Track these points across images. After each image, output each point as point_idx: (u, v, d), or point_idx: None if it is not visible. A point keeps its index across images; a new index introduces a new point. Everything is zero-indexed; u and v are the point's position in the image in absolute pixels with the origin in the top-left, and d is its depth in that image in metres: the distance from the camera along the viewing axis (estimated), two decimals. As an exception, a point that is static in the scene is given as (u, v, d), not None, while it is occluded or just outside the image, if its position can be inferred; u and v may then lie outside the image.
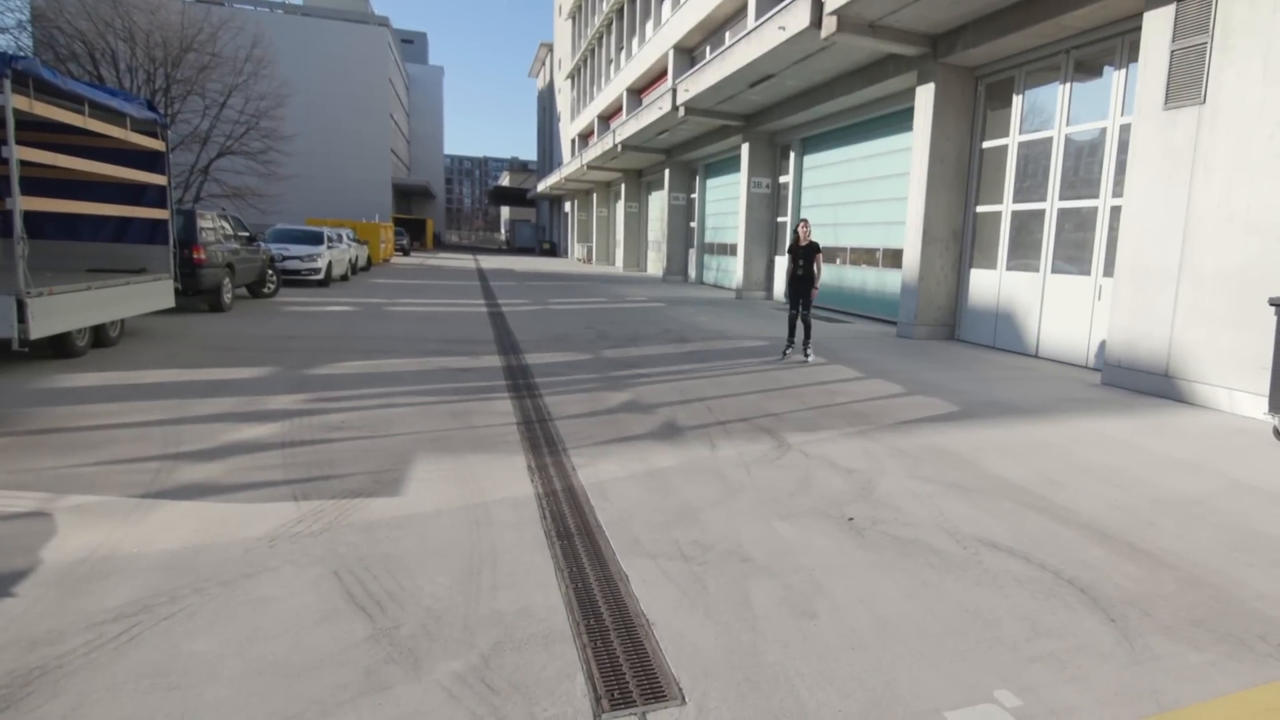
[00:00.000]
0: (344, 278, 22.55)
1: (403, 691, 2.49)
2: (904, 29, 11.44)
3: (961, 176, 12.02)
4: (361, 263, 26.57)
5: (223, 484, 4.46)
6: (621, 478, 4.84)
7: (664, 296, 20.06)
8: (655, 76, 30.35)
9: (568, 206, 54.35)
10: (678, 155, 25.70)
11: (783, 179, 19.28)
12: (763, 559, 3.62)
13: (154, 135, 10.08)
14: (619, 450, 5.48)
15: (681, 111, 19.14)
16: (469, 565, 3.46)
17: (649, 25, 30.13)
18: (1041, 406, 7.38)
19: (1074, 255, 10.12)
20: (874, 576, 3.47)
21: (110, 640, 2.76)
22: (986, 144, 11.76)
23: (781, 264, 19.15)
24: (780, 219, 19.38)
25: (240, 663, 2.64)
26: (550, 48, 62.81)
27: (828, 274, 17.23)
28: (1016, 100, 11.14)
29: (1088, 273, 9.82)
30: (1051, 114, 10.53)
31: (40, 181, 8.73)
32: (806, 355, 10.02)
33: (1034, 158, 10.88)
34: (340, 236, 22.79)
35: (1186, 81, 7.58)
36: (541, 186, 54.95)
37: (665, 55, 27.41)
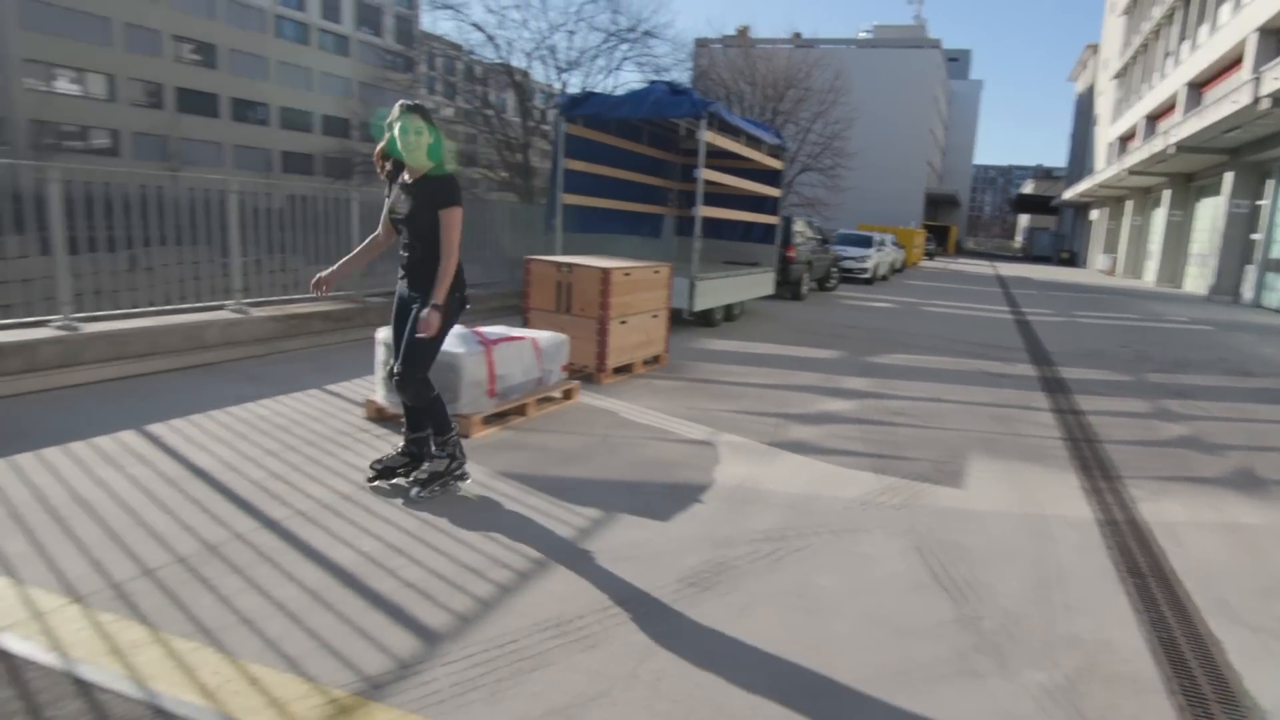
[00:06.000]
0: (885, 278, 22.42)
1: (994, 685, 2.37)
2: None
3: None
4: (899, 265, 26.06)
5: (820, 446, 4.83)
6: (1192, 524, 3.82)
7: (1211, 319, 15.06)
8: (1225, 67, 22.51)
9: (1094, 214, 44.42)
10: (1245, 155, 18.69)
11: None
12: None
13: (776, 157, 11.22)
14: (1184, 491, 4.34)
15: (1267, 103, 13.84)
16: (1037, 577, 3.13)
17: (1224, 9, 22.30)
18: None
19: None
20: None
21: (763, 556, 3.13)
22: None
23: None
24: None
25: (854, 607, 2.79)
26: (1095, 49, 51.49)
27: None
28: None
29: None
30: None
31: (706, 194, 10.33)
32: (411, 487, 3.36)
33: None
34: (884, 241, 22.65)
35: None
36: (1069, 194, 45.95)
37: (1242, 41, 20.06)
